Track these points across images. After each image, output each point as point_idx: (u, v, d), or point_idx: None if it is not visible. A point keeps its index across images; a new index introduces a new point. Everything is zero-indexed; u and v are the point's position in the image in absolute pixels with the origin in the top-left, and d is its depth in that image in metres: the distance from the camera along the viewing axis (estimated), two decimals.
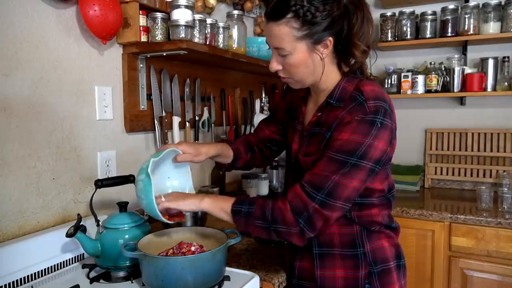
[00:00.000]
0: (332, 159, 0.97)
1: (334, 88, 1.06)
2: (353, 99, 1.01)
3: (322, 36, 0.99)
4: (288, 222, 0.97)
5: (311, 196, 0.96)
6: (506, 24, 2.24)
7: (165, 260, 1.00)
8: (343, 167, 0.96)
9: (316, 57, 1.03)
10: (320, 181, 0.96)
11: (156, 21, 1.49)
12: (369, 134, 0.96)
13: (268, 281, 1.17)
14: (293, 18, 0.97)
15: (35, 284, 1.12)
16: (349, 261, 1.09)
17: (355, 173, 0.96)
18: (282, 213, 0.98)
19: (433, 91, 2.44)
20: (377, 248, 1.11)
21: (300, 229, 0.97)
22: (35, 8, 1.23)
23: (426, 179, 2.59)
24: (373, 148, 0.97)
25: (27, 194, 1.23)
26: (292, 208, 0.97)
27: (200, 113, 1.96)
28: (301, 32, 0.98)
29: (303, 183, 0.99)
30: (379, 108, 0.98)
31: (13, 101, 1.18)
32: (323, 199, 0.95)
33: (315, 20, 0.97)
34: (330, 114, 1.05)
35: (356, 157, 0.96)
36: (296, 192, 0.99)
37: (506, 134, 2.40)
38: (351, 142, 0.96)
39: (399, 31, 2.50)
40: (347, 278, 1.09)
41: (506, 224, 1.88)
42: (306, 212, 0.96)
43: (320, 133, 1.06)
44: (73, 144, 1.37)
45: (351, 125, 0.97)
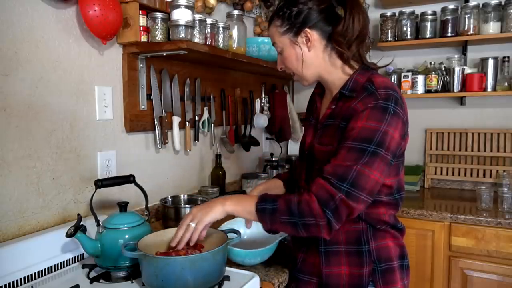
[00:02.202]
0: (352, 149, 0.99)
1: (347, 80, 1.12)
2: (365, 89, 1.05)
3: (299, 29, 1.11)
4: (315, 213, 0.97)
5: (337, 186, 0.97)
6: (506, 24, 2.24)
7: (165, 260, 1.00)
8: (363, 156, 0.98)
9: (303, 49, 1.12)
10: (343, 171, 0.98)
11: (156, 21, 1.49)
12: (383, 120, 0.99)
13: (268, 281, 1.17)
14: (276, 18, 1.14)
15: (35, 284, 1.12)
16: (354, 258, 1.10)
17: (375, 163, 0.98)
18: (309, 205, 0.97)
19: (433, 91, 2.44)
20: (382, 247, 1.12)
21: (328, 220, 0.97)
22: (35, 8, 1.23)
23: (426, 179, 2.59)
24: (388, 136, 0.99)
25: (27, 194, 1.23)
26: (319, 199, 0.97)
27: (200, 113, 1.96)
28: (282, 28, 1.13)
29: (326, 175, 0.99)
30: (390, 96, 1.02)
31: (13, 101, 1.18)
32: (348, 190, 0.96)
33: (291, 16, 1.10)
34: (344, 105, 1.09)
35: (374, 144, 0.98)
36: (320, 184, 0.99)
37: (506, 134, 2.40)
38: (367, 129, 0.99)
39: (399, 31, 2.50)
40: (352, 275, 1.10)
41: (506, 224, 1.88)
42: (332, 203, 0.96)
43: (334, 124, 1.10)
44: (73, 144, 1.37)
45: (365, 113, 1.01)
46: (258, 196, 1.05)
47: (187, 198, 1.71)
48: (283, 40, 1.14)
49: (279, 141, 2.69)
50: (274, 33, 1.16)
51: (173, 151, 1.85)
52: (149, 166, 1.72)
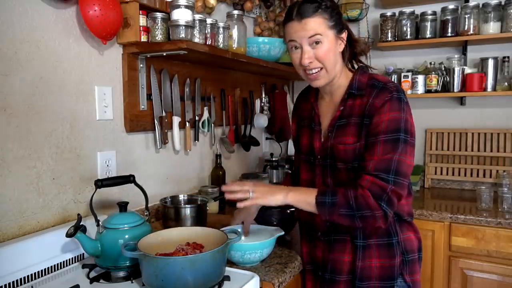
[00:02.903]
0: (386, 141, 1.09)
1: (351, 81, 1.21)
2: (373, 86, 1.16)
3: (342, 28, 1.19)
4: (372, 207, 1.07)
5: (385, 179, 1.07)
6: (506, 24, 2.24)
7: (165, 260, 1.00)
8: (398, 145, 1.08)
9: (339, 47, 1.19)
10: (386, 164, 1.08)
11: (156, 21, 1.49)
12: (401, 110, 1.11)
13: (268, 281, 1.17)
14: (324, 11, 1.15)
15: (35, 284, 1.12)
16: (384, 250, 1.17)
17: (407, 149, 1.10)
18: (366, 200, 1.07)
19: (433, 91, 2.44)
20: (407, 239, 1.20)
21: (384, 212, 1.07)
22: (35, 8, 1.23)
23: (426, 179, 2.59)
24: (409, 122, 1.12)
25: (27, 194, 1.23)
26: (373, 194, 1.07)
27: (200, 113, 1.96)
28: (331, 22, 1.16)
29: (372, 171, 1.08)
30: (398, 88, 1.14)
31: (13, 101, 1.18)
32: (395, 179, 1.07)
33: (336, 14, 1.17)
34: (354, 104, 1.18)
35: (402, 132, 1.09)
36: (370, 180, 1.08)
37: (506, 134, 2.40)
38: (392, 120, 1.10)
39: (399, 31, 2.50)
40: (383, 267, 1.16)
41: (506, 224, 1.88)
42: (385, 195, 1.07)
43: (349, 123, 1.18)
44: (73, 144, 1.37)
45: (386, 107, 1.11)
46: (318, 189, 1.14)
47: (187, 198, 1.71)
48: (329, 33, 1.16)
49: (279, 141, 2.69)
50: (321, 24, 1.15)
51: (173, 151, 1.85)
52: (149, 166, 1.72)
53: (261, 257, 1.25)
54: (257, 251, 1.22)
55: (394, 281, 1.16)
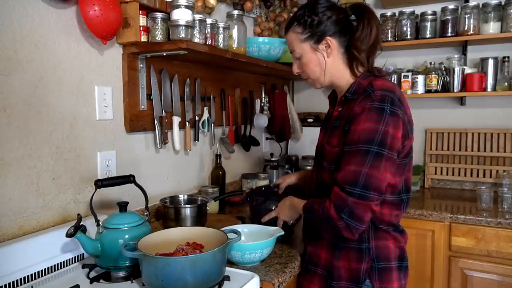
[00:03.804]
0: (355, 152, 1.07)
1: (351, 84, 1.20)
2: (364, 92, 1.13)
3: (321, 36, 1.18)
4: (333, 217, 1.08)
5: (349, 192, 1.06)
6: (506, 24, 2.24)
7: (165, 260, 1.00)
8: (367, 157, 1.05)
9: (321, 56, 1.20)
10: (352, 176, 1.06)
11: (156, 21, 1.49)
12: (380, 121, 1.06)
13: (268, 281, 1.17)
14: (297, 25, 1.21)
15: (35, 284, 1.12)
16: (354, 253, 1.18)
17: (381, 163, 1.06)
18: (327, 211, 1.10)
19: (433, 91, 2.44)
20: (382, 247, 1.18)
21: (345, 224, 1.07)
22: (35, 8, 1.23)
23: (426, 179, 2.59)
24: (389, 136, 1.06)
25: (27, 194, 1.23)
26: (334, 206, 1.08)
27: (200, 113, 1.96)
28: (303, 35, 1.20)
29: (339, 182, 1.09)
30: (385, 97, 1.08)
31: (13, 101, 1.18)
32: (361, 193, 1.05)
33: (313, 24, 1.18)
34: (348, 107, 1.17)
35: (376, 144, 1.05)
36: (335, 192, 1.09)
37: (506, 134, 2.40)
38: (366, 130, 1.06)
39: (399, 31, 2.50)
40: (351, 269, 1.17)
41: (506, 224, 1.88)
42: (346, 207, 1.06)
43: (339, 125, 1.18)
44: (73, 144, 1.37)
45: (362, 115, 1.08)
46: (303, 206, 1.22)
47: (187, 198, 1.71)
48: (304, 47, 1.21)
49: (279, 141, 2.69)
50: (293, 39, 1.22)
51: (173, 151, 1.85)
52: (149, 166, 1.72)
53: (261, 257, 1.25)
54: (257, 251, 1.22)
55: (360, 284, 1.16)
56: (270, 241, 1.26)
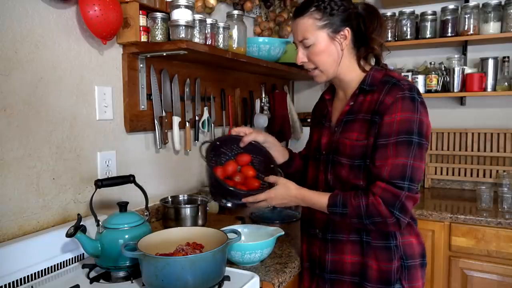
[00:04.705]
0: (398, 144, 1.05)
1: (365, 76, 1.18)
2: (386, 82, 1.12)
3: (340, 26, 1.14)
4: (383, 214, 1.05)
5: (400, 186, 1.04)
6: (506, 24, 2.24)
7: (165, 260, 1.00)
8: (411, 148, 1.05)
9: (337, 46, 1.15)
10: (400, 170, 1.05)
11: (156, 21, 1.49)
12: (415, 110, 1.06)
13: (268, 281, 1.17)
14: (315, 11, 1.13)
15: (35, 284, 1.12)
16: (382, 252, 1.13)
17: (421, 153, 1.06)
18: (376, 207, 1.05)
19: (433, 91, 2.44)
20: (407, 244, 1.16)
21: (396, 219, 1.05)
22: (35, 8, 1.23)
23: (426, 179, 2.59)
24: (424, 124, 1.07)
25: (27, 194, 1.23)
26: (384, 201, 1.04)
27: (200, 113, 1.96)
28: (322, 22, 1.13)
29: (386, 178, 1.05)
30: (412, 87, 1.10)
31: (13, 101, 1.18)
32: (409, 186, 1.05)
33: (333, 12, 1.13)
34: (364, 100, 1.15)
35: (416, 134, 1.05)
36: (382, 187, 1.05)
37: (506, 134, 2.40)
38: (404, 120, 1.05)
39: (399, 31, 2.50)
40: (381, 270, 1.12)
41: (506, 224, 1.88)
42: (398, 202, 1.04)
43: (357, 119, 1.14)
44: (73, 144, 1.37)
45: (397, 105, 1.06)
46: (328, 198, 1.12)
47: (187, 198, 1.71)
48: (320, 35, 1.14)
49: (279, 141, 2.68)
50: (308, 25, 1.14)
51: (173, 151, 1.85)
52: (149, 166, 1.72)
53: (261, 257, 1.25)
54: (257, 251, 1.22)
55: (392, 286, 1.12)
56: (270, 241, 1.26)
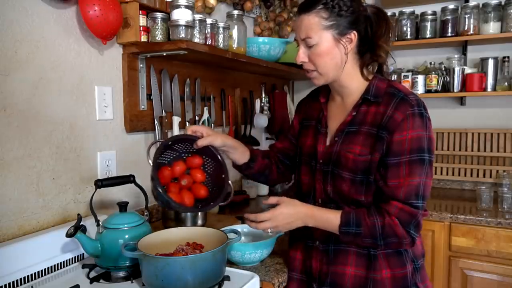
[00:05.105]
0: (411, 162, 1.03)
1: (369, 86, 1.13)
2: (392, 95, 1.08)
3: (347, 28, 1.08)
4: (400, 235, 1.03)
5: (416, 206, 1.03)
6: (506, 24, 2.24)
7: (165, 260, 1.00)
8: (423, 167, 1.03)
9: (341, 49, 1.09)
10: (415, 190, 1.03)
11: (156, 21, 1.49)
12: (424, 127, 1.04)
13: (268, 281, 1.17)
14: (323, 9, 1.06)
15: (35, 284, 1.12)
16: (394, 259, 1.10)
17: (431, 171, 1.06)
18: (393, 229, 1.03)
19: (433, 91, 2.44)
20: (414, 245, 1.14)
21: (411, 238, 1.04)
22: (35, 8, 1.23)
23: None
24: (432, 141, 1.06)
25: (27, 194, 1.23)
26: (401, 222, 1.03)
27: (200, 113, 1.96)
28: (328, 22, 1.07)
29: (403, 199, 1.03)
30: (419, 101, 1.07)
31: (13, 101, 1.18)
32: (422, 204, 1.04)
33: (341, 13, 1.06)
34: (368, 111, 1.11)
35: (427, 152, 1.04)
36: (399, 207, 1.03)
37: (506, 134, 2.39)
38: (415, 138, 1.03)
39: (399, 31, 2.50)
40: (395, 278, 1.09)
41: (506, 224, 1.88)
42: (414, 221, 1.03)
43: (360, 131, 1.10)
44: (73, 144, 1.37)
45: (408, 123, 1.03)
46: (340, 216, 1.07)
47: None
48: (325, 35, 1.07)
49: None
50: (313, 24, 1.07)
51: None
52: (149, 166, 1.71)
53: (261, 257, 1.25)
54: (257, 251, 1.22)
55: None
56: (270, 241, 1.26)
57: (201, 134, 1.18)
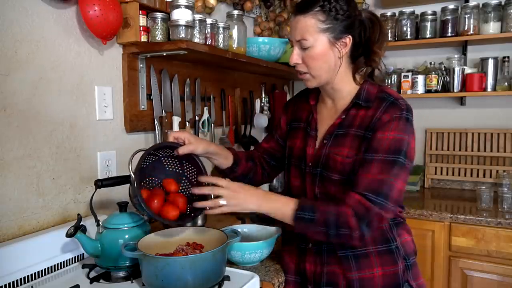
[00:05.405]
0: (384, 161, 1.03)
1: (360, 90, 1.13)
2: (382, 99, 1.09)
3: (342, 33, 1.08)
4: (351, 226, 1.01)
5: (373, 201, 1.01)
6: (506, 24, 2.24)
7: (165, 260, 1.00)
8: (394, 167, 1.02)
9: (335, 53, 1.10)
10: (378, 185, 1.02)
11: (156, 21, 1.49)
12: (407, 131, 1.05)
13: (268, 281, 1.17)
14: (320, 12, 1.06)
15: (35, 284, 1.12)
16: (386, 257, 1.11)
17: (403, 174, 1.04)
18: (346, 219, 1.01)
19: (433, 91, 2.44)
20: (405, 242, 1.16)
21: (361, 233, 1.02)
22: (35, 8, 1.23)
23: (426, 179, 2.59)
24: (411, 146, 1.05)
25: (27, 194, 1.23)
26: (356, 214, 1.01)
27: (200, 113, 1.96)
28: (325, 25, 1.06)
29: (362, 190, 1.03)
30: (409, 107, 1.08)
31: (13, 101, 1.18)
32: (382, 202, 1.01)
33: (337, 17, 1.07)
34: (357, 114, 1.11)
35: (403, 155, 1.03)
36: (356, 199, 1.02)
37: (506, 134, 2.40)
38: (396, 140, 1.03)
39: (399, 31, 2.50)
40: (386, 275, 1.10)
41: (506, 224, 1.88)
42: (368, 217, 1.01)
43: (348, 133, 1.10)
44: (73, 144, 1.37)
45: (393, 124, 1.04)
46: (296, 203, 1.05)
47: None
48: (320, 38, 1.07)
49: None
50: (309, 26, 1.06)
51: None
52: None
53: (261, 257, 1.25)
54: (257, 251, 1.22)
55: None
56: (270, 241, 1.26)
57: (183, 141, 1.16)
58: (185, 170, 1.25)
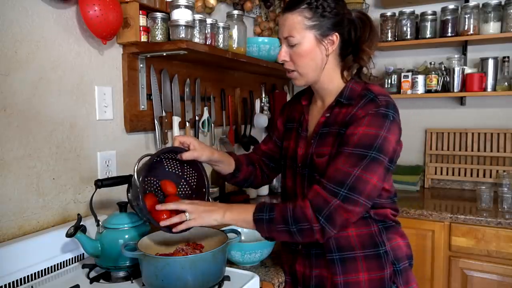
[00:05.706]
0: (352, 155, 1.00)
1: (344, 88, 1.12)
2: (363, 96, 1.06)
3: (329, 30, 1.08)
4: (309, 219, 0.98)
5: (333, 192, 0.98)
6: (506, 24, 2.24)
7: (165, 260, 1.00)
8: (363, 161, 0.99)
9: (322, 51, 1.09)
10: (341, 176, 0.99)
11: (156, 21, 1.49)
12: (383, 127, 1.01)
13: (268, 281, 1.17)
14: (306, 9, 1.06)
15: (35, 284, 1.12)
16: (373, 262, 1.08)
17: (375, 168, 0.99)
18: (303, 211, 0.99)
19: (433, 91, 2.44)
20: (396, 246, 1.12)
21: (321, 227, 0.98)
22: (35, 8, 1.23)
23: (426, 179, 2.59)
24: (387, 142, 1.01)
25: (27, 194, 1.23)
26: (312, 205, 0.99)
27: (200, 113, 1.96)
28: (311, 22, 1.06)
29: (323, 181, 1.01)
30: (390, 103, 1.04)
31: (13, 101, 1.18)
32: (346, 194, 0.97)
33: (324, 14, 1.06)
34: (340, 112, 1.10)
35: (375, 150, 0.99)
36: (316, 191, 1.00)
37: (506, 134, 2.40)
38: (368, 135, 1.00)
39: (399, 31, 2.50)
40: (372, 280, 1.07)
41: (506, 224, 1.88)
42: (327, 209, 0.97)
43: (330, 132, 1.10)
44: (73, 144, 1.37)
45: (366, 119, 1.02)
46: (254, 207, 1.05)
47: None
48: (307, 35, 1.07)
49: None
50: (296, 23, 1.07)
51: None
52: None
53: (261, 257, 1.25)
54: (257, 251, 1.22)
55: None
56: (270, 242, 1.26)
57: (188, 146, 1.16)
58: (185, 173, 1.25)
